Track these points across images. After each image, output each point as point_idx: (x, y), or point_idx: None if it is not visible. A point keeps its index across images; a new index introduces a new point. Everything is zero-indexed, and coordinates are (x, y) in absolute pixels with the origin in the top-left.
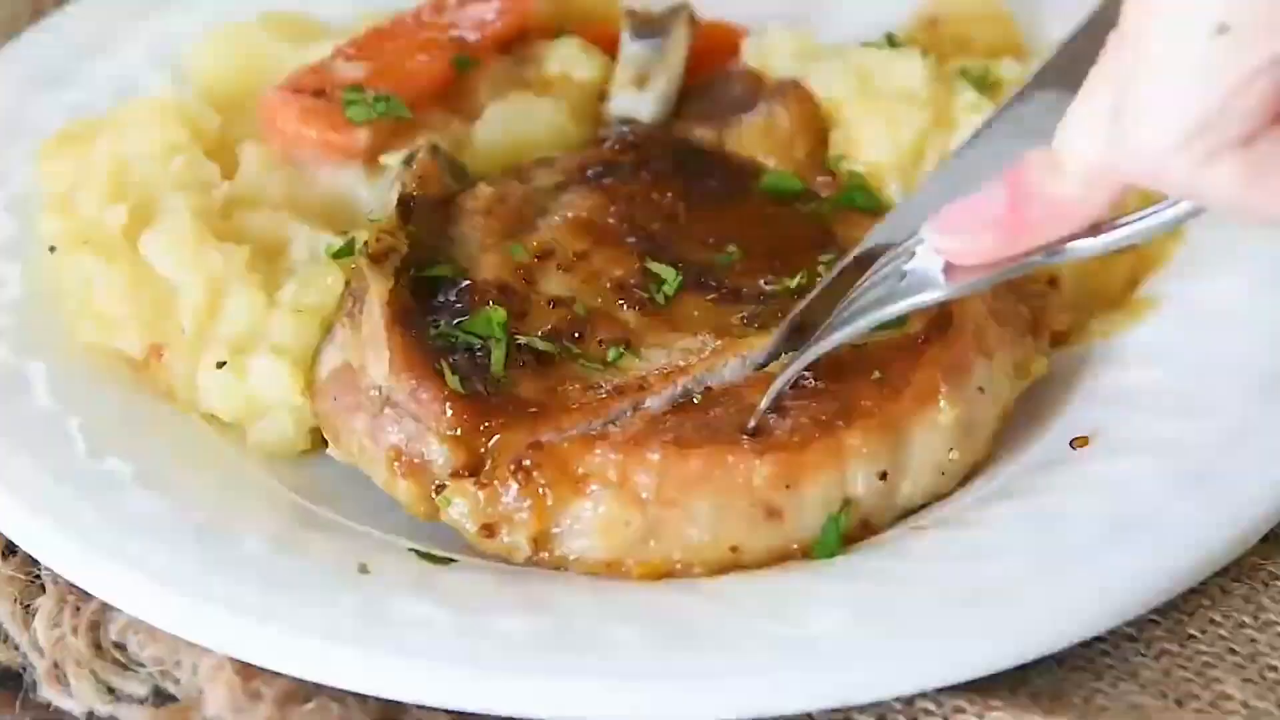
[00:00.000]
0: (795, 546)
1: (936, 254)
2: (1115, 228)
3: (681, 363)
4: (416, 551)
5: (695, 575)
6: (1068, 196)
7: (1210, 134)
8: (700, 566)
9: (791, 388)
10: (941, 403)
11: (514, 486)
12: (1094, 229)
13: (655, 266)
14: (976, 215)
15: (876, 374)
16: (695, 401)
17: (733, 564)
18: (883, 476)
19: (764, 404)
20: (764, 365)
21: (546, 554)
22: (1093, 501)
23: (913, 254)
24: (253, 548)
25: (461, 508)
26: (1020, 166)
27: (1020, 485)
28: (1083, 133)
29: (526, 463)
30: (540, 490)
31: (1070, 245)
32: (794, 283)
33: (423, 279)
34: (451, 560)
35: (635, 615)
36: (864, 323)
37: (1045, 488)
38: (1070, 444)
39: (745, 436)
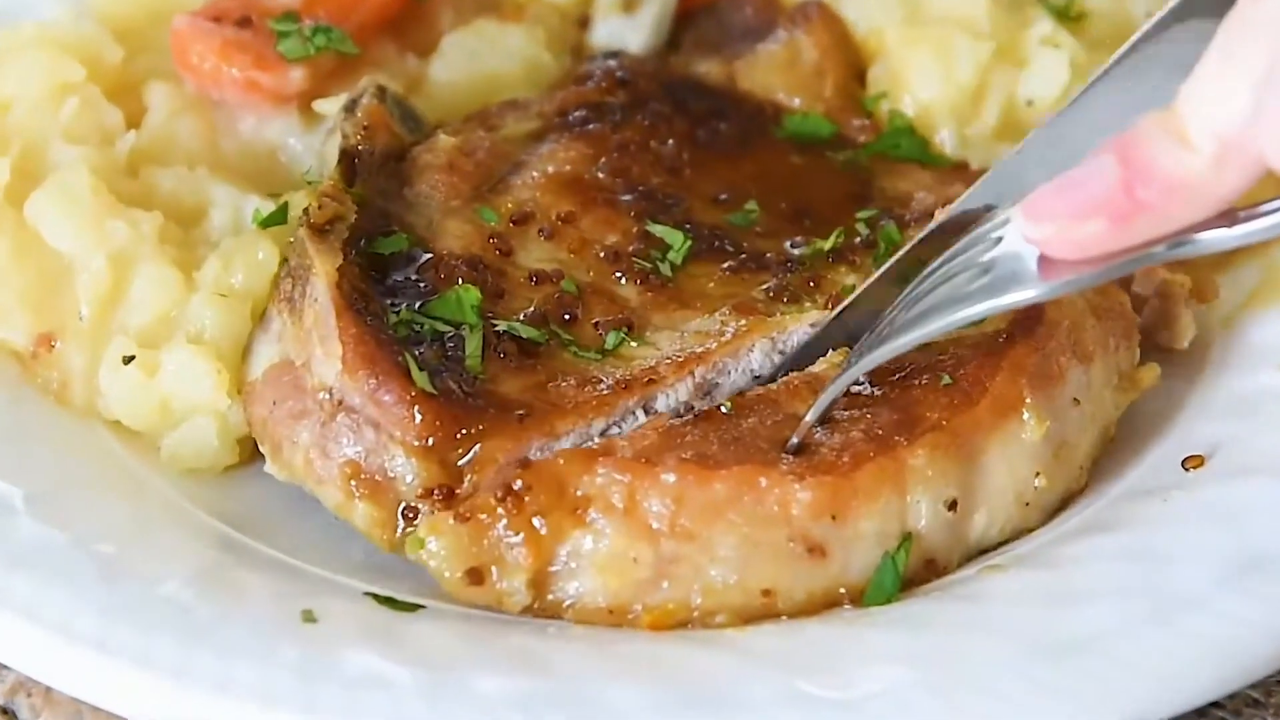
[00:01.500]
0: (842, 591)
1: (1028, 243)
2: (1255, 216)
3: (698, 348)
4: (374, 595)
5: (718, 625)
6: (1195, 175)
7: None
8: (724, 614)
9: (843, 396)
10: (1025, 416)
11: (503, 518)
12: (1227, 216)
13: (658, 230)
14: (1080, 197)
15: (946, 379)
16: (724, 410)
17: (765, 612)
18: (951, 506)
19: (810, 415)
20: (804, 365)
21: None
22: (1209, 535)
23: (998, 240)
24: (171, 590)
25: (439, 549)
26: (1133, 135)
27: (1120, 515)
28: (1218, 97)
29: (516, 486)
30: (534, 520)
31: (1198, 236)
32: (828, 245)
33: (376, 253)
34: (417, 606)
35: (644, 674)
36: (937, 325)
37: (1151, 518)
38: (1182, 464)
39: (785, 455)
